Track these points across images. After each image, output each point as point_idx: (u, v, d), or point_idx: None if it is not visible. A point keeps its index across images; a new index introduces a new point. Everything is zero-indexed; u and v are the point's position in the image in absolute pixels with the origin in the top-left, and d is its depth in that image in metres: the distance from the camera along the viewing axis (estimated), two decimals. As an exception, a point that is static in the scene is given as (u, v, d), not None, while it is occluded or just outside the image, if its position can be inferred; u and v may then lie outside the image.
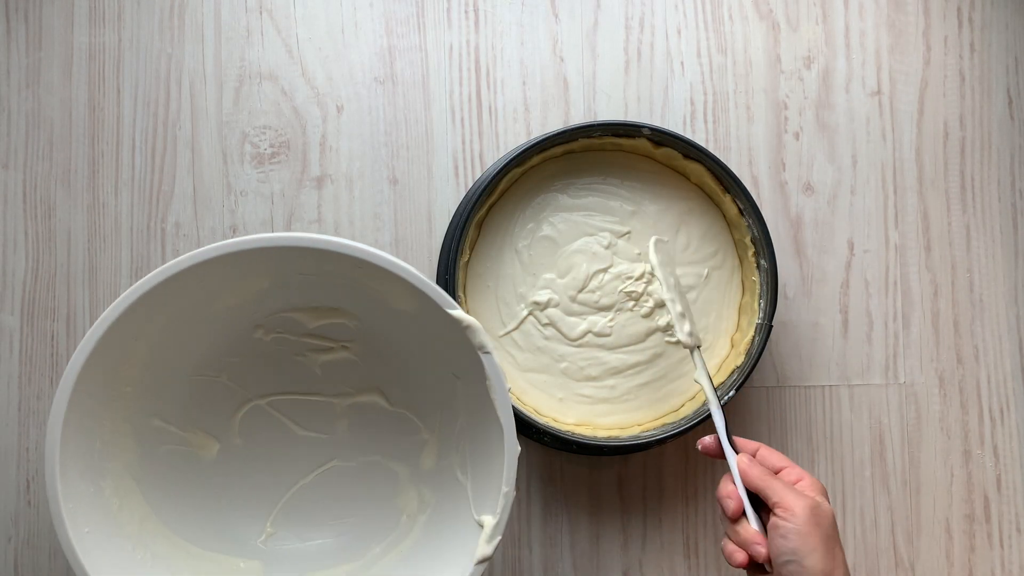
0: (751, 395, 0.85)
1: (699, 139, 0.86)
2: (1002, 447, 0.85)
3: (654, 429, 0.78)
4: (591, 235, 0.82)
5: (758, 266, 0.79)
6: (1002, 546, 0.84)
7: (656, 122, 0.86)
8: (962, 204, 0.86)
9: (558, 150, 0.81)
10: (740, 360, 0.78)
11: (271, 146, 0.86)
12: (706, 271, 0.82)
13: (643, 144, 0.81)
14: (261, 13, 0.86)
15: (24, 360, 0.84)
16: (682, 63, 0.87)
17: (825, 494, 0.68)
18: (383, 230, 0.85)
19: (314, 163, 0.86)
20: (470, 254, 0.81)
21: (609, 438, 0.78)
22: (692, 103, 0.86)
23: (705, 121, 0.86)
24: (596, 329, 0.81)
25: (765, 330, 0.77)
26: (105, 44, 0.86)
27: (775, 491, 0.67)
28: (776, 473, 0.69)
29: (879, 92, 0.87)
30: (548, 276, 0.81)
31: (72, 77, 0.86)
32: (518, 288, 0.81)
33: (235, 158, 0.86)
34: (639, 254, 0.82)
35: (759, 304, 0.79)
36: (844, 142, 0.87)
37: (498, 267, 0.81)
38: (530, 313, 0.81)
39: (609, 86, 0.86)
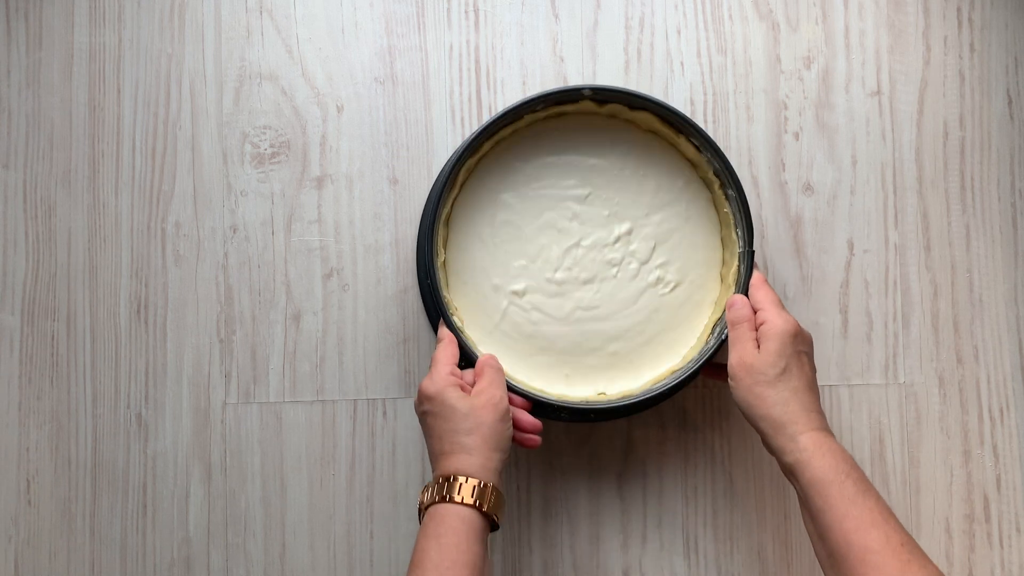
0: (751, 395, 0.85)
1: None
2: (1002, 447, 0.85)
3: (666, 379, 0.79)
4: (552, 209, 0.81)
5: (727, 196, 0.80)
6: (1002, 546, 0.84)
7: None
8: (962, 204, 0.86)
9: (506, 131, 0.80)
10: (731, 291, 0.79)
11: (271, 146, 0.86)
12: (684, 207, 0.82)
13: (587, 106, 0.80)
14: (261, 13, 0.86)
15: (24, 360, 0.84)
16: (682, 63, 0.87)
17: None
18: (383, 230, 0.85)
19: (314, 163, 0.86)
20: (445, 253, 0.81)
21: (623, 397, 0.78)
22: (692, 103, 0.86)
23: (705, 121, 0.86)
24: (584, 304, 0.81)
25: (748, 257, 0.78)
26: (105, 44, 0.86)
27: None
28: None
29: (879, 92, 0.87)
30: (519, 263, 0.81)
31: (72, 77, 0.86)
32: (492, 280, 0.81)
33: (235, 158, 0.86)
34: (608, 215, 0.82)
35: (736, 234, 0.79)
36: (844, 142, 0.87)
37: (471, 261, 0.81)
38: (510, 303, 0.81)
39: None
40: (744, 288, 0.78)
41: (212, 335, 0.85)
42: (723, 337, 0.77)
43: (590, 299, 0.81)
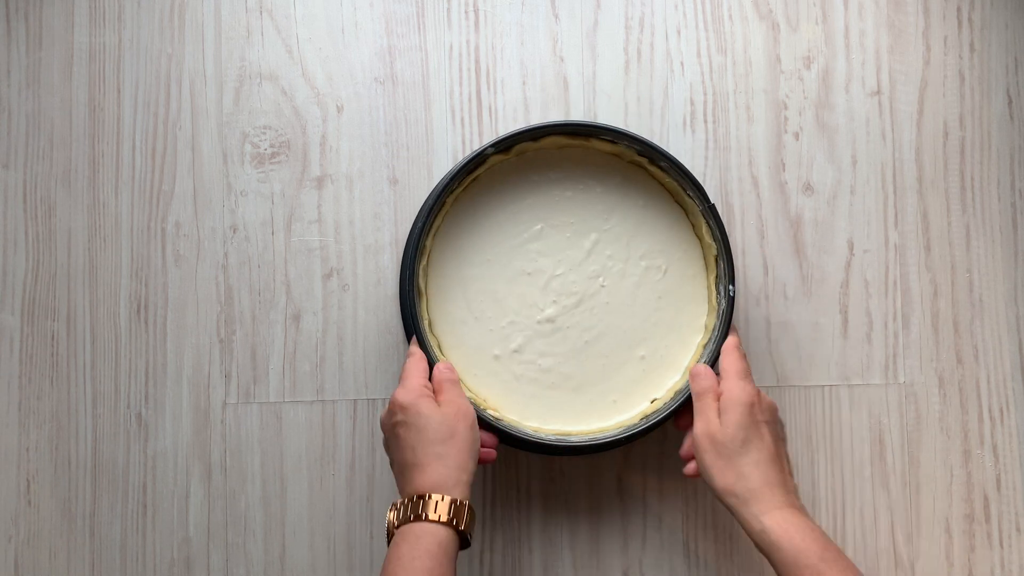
0: (751, 395, 0.85)
1: (699, 139, 0.86)
2: (1002, 447, 0.85)
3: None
4: (516, 258, 0.82)
5: (663, 170, 0.81)
6: (1002, 546, 0.84)
7: (656, 122, 0.86)
8: (962, 204, 0.86)
9: (439, 218, 0.81)
10: (711, 251, 0.81)
11: (271, 146, 0.86)
12: (637, 197, 0.82)
13: (496, 159, 0.81)
14: (261, 13, 0.86)
15: (24, 360, 0.84)
16: (682, 63, 0.87)
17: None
18: (383, 230, 0.85)
19: (314, 163, 0.86)
20: (437, 338, 0.81)
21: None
22: (692, 103, 0.86)
23: (705, 121, 0.86)
24: (585, 325, 0.81)
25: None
26: (105, 44, 0.86)
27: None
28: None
29: (879, 92, 0.87)
30: (507, 322, 0.81)
31: (72, 77, 0.86)
32: (493, 352, 0.81)
33: (235, 158, 0.86)
34: (570, 236, 0.82)
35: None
36: (844, 142, 0.87)
37: (465, 345, 0.81)
38: (518, 363, 0.81)
39: (609, 86, 0.86)
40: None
41: (212, 335, 0.85)
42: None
43: (589, 318, 0.82)
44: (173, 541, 0.83)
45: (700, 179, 0.86)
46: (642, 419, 0.79)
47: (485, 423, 0.76)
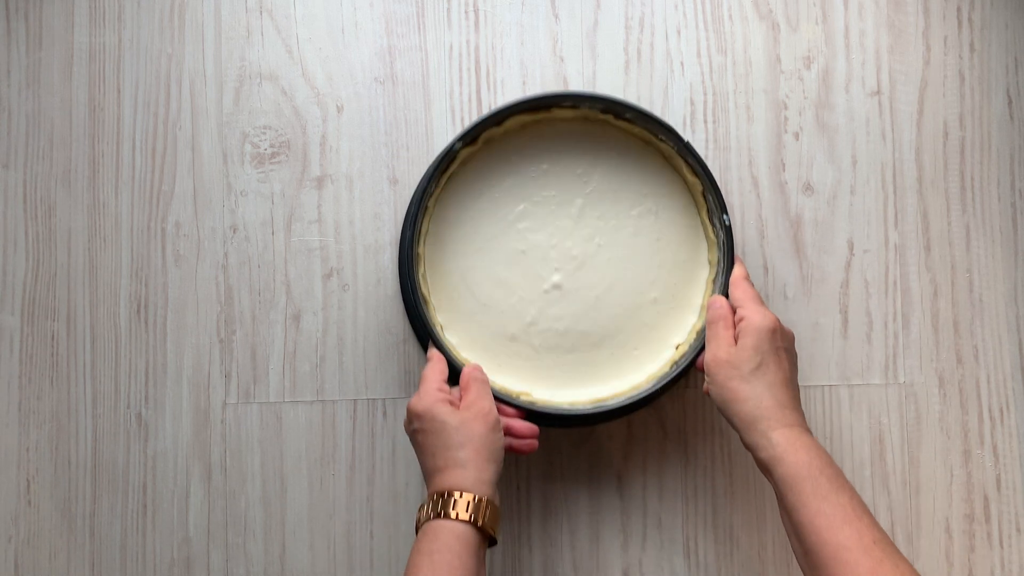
0: (751, 395, 0.85)
1: (699, 139, 0.86)
2: (1002, 447, 0.85)
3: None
4: (508, 241, 0.82)
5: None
6: (1002, 546, 0.84)
7: (656, 122, 0.86)
8: (962, 204, 0.86)
9: (431, 204, 0.81)
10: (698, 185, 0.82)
11: (271, 146, 0.86)
12: (612, 152, 0.83)
13: (469, 151, 0.81)
14: (261, 13, 0.86)
15: (24, 360, 0.84)
16: (682, 63, 0.87)
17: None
18: (383, 230, 0.85)
19: (314, 163, 0.86)
20: (447, 337, 0.81)
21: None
22: (692, 103, 0.86)
23: (705, 121, 0.86)
24: (593, 282, 0.82)
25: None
26: (105, 44, 0.86)
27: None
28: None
29: (879, 92, 0.87)
30: (516, 299, 0.82)
31: (72, 77, 0.86)
32: (509, 331, 0.82)
33: (235, 158, 0.86)
34: (555, 208, 0.82)
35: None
36: (844, 142, 0.87)
37: (483, 335, 0.82)
38: (535, 335, 0.82)
39: (609, 86, 0.86)
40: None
41: (212, 335, 0.85)
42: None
43: (594, 276, 0.82)
44: (173, 541, 0.83)
45: (700, 179, 0.86)
46: (672, 366, 0.80)
47: (522, 412, 0.77)
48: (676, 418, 0.85)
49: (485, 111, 0.86)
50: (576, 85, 0.86)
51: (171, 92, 0.86)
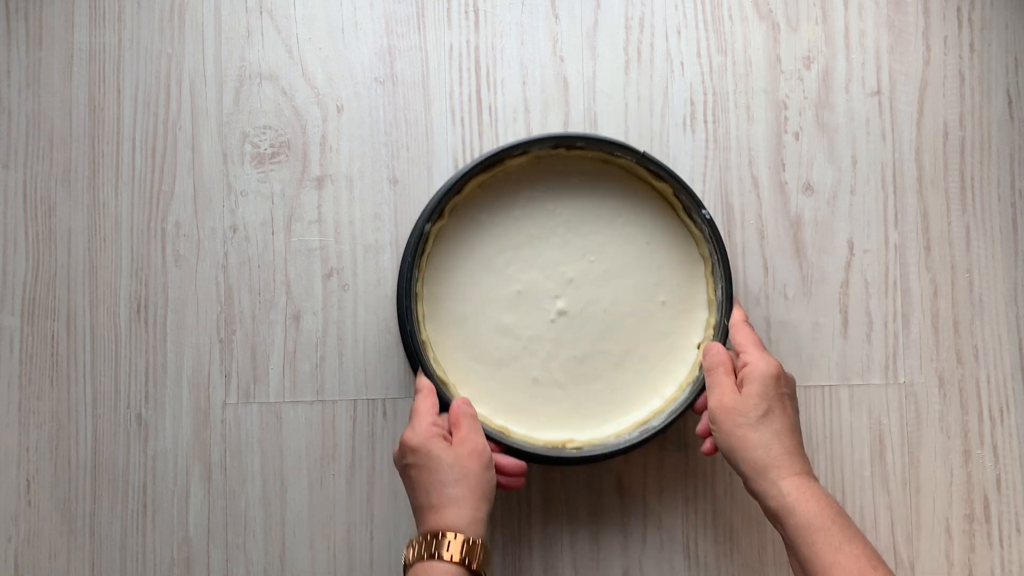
0: (751, 395, 0.85)
1: (699, 139, 0.86)
2: (1002, 447, 0.85)
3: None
4: (504, 293, 0.82)
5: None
6: (1002, 546, 0.84)
7: (656, 122, 0.86)
8: (962, 204, 0.86)
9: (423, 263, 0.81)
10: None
11: (271, 146, 0.86)
12: (584, 180, 0.83)
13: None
14: (261, 13, 0.86)
15: (24, 360, 0.84)
16: (682, 63, 0.87)
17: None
18: (383, 230, 0.85)
19: (314, 163, 0.86)
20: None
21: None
22: (692, 103, 0.86)
23: (705, 121, 0.86)
24: (594, 298, 0.82)
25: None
26: (105, 44, 0.86)
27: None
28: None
29: (879, 92, 0.87)
30: (528, 337, 0.82)
31: (72, 77, 0.86)
32: (532, 375, 0.82)
33: (235, 158, 0.86)
34: (546, 250, 0.82)
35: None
36: (844, 142, 0.87)
37: (479, 377, 0.82)
38: (557, 363, 0.82)
39: (609, 86, 0.86)
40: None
41: (212, 335, 0.85)
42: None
43: (596, 291, 0.82)
44: (173, 541, 0.83)
45: (700, 179, 0.86)
46: (700, 368, 0.80)
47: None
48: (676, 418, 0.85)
49: (485, 111, 0.86)
50: (576, 85, 0.86)
51: (171, 92, 0.86)
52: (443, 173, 0.85)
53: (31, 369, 0.84)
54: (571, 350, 0.82)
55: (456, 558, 0.67)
